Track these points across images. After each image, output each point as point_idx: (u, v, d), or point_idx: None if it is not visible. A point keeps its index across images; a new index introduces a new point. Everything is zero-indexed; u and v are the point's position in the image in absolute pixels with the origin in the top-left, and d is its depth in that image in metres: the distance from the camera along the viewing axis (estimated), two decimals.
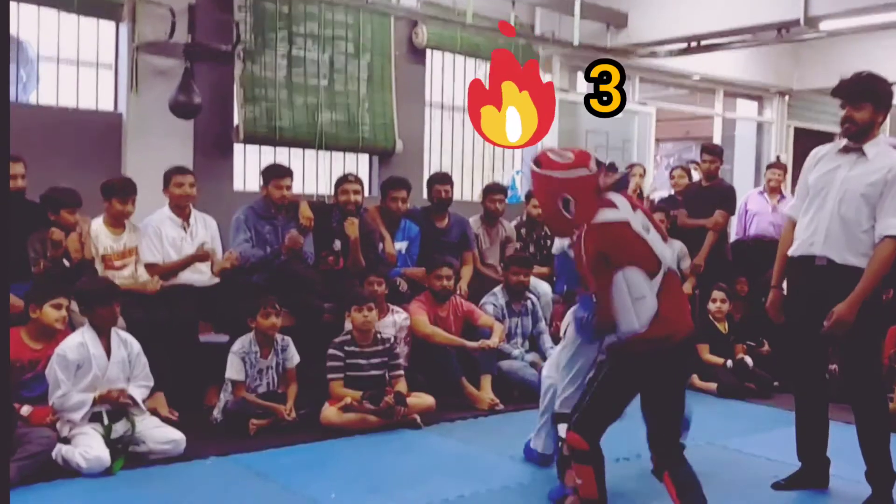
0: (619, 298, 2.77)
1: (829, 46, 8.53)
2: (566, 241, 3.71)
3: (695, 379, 5.77)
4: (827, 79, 9.18)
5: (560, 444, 3.55)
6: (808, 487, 3.70)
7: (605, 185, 2.85)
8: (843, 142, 3.50)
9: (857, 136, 3.43)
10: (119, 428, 3.90)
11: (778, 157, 9.45)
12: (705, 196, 6.60)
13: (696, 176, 7.31)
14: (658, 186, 8.46)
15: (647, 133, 8.66)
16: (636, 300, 2.76)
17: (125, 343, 4.05)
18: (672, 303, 2.83)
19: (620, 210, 2.83)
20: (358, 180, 5.54)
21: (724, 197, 6.59)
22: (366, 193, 5.80)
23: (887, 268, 3.36)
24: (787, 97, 9.96)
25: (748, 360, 5.77)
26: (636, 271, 2.77)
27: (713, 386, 5.62)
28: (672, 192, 7.27)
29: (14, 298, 3.98)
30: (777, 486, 3.74)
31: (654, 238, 2.85)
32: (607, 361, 3.10)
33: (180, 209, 4.94)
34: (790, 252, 3.59)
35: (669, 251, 2.90)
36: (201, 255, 4.86)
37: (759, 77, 9.38)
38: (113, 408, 3.90)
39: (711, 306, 5.93)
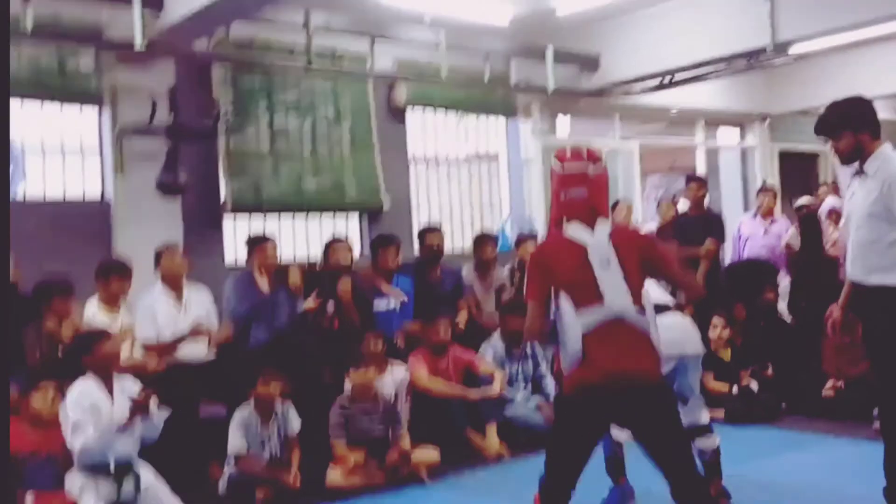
0: (558, 319, 2.72)
1: (802, 68, 8.67)
2: None
3: None
4: (804, 100, 9.48)
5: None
6: None
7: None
8: (856, 166, 3.56)
9: (851, 160, 3.49)
10: (127, 486, 3.80)
11: (764, 182, 9.54)
12: (694, 225, 6.64)
13: (683, 207, 7.36)
14: (649, 219, 8.50)
15: (632, 168, 8.76)
16: (565, 333, 2.69)
17: (126, 391, 4.01)
18: (606, 348, 2.63)
19: (592, 235, 2.75)
20: (346, 241, 5.59)
21: (713, 225, 6.63)
22: (356, 254, 5.87)
23: None
24: (767, 121, 10.08)
25: (754, 384, 5.73)
26: (565, 300, 2.68)
27: (720, 413, 5.56)
28: (660, 225, 7.30)
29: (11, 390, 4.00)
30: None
31: (608, 275, 2.68)
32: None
33: (173, 284, 4.98)
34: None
35: (627, 299, 2.67)
36: (195, 333, 4.89)
37: (738, 104, 9.52)
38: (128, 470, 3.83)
39: (712, 334, 5.89)
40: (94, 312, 4.70)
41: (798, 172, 10.18)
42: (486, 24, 6.90)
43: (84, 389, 3.88)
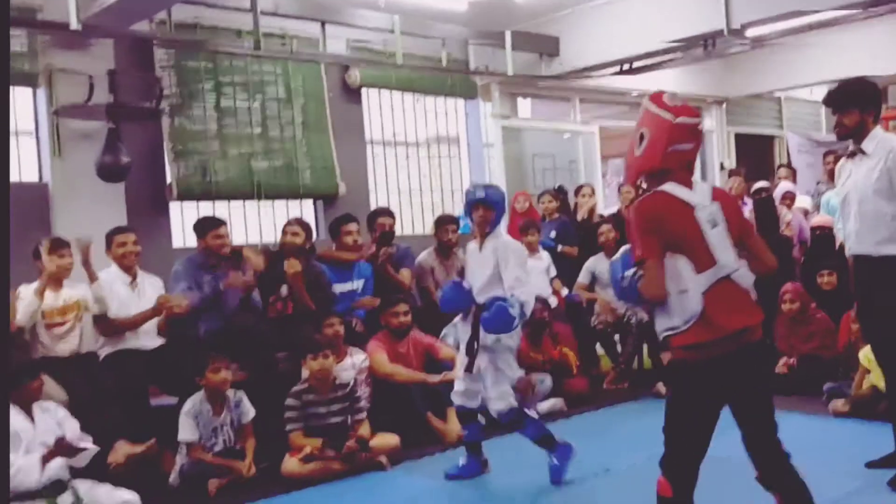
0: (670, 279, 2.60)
1: (757, 54, 8.71)
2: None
3: (660, 386, 5.77)
4: (760, 84, 9.52)
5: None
6: None
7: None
8: (850, 146, 3.67)
9: (850, 136, 3.63)
10: (65, 500, 3.65)
11: (722, 164, 9.56)
12: None
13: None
14: (609, 204, 8.47)
15: (593, 152, 8.70)
16: (679, 293, 2.57)
17: (48, 411, 3.85)
18: (724, 305, 2.58)
19: (694, 193, 2.67)
20: (298, 223, 5.43)
21: None
22: (314, 238, 5.69)
23: None
24: (724, 105, 10.13)
25: None
26: (683, 261, 2.58)
27: None
28: (621, 208, 7.26)
29: None
30: (871, 464, 3.79)
31: (716, 235, 2.63)
32: (669, 386, 2.82)
33: (127, 269, 4.80)
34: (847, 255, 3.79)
35: (730, 256, 2.66)
36: (161, 305, 4.73)
37: (696, 88, 9.53)
38: (64, 458, 3.67)
39: None
40: (31, 294, 4.43)
41: (754, 155, 10.25)
42: (443, 9, 6.77)
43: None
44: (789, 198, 7.30)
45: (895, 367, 3.64)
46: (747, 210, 6.93)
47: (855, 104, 3.56)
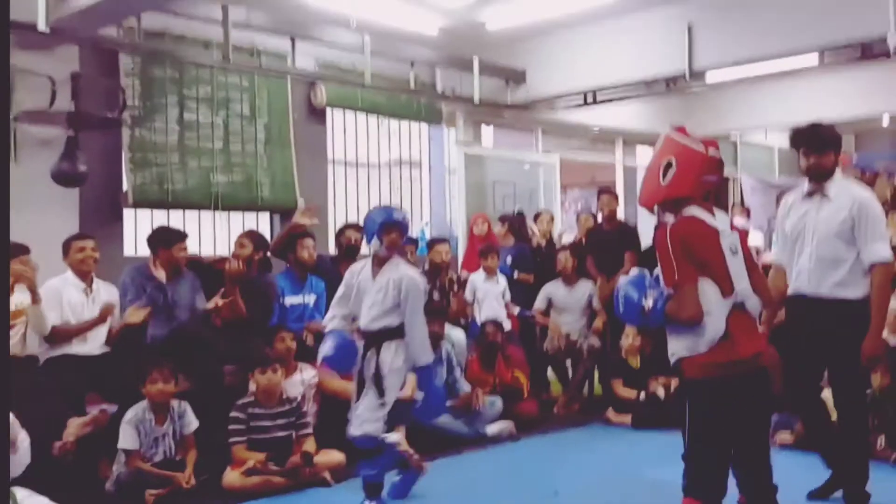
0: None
1: (716, 95, 9.01)
2: None
3: (610, 413, 5.81)
4: (717, 125, 9.80)
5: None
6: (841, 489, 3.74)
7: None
8: (806, 187, 3.72)
9: (821, 178, 3.66)
10: None
11: None
12: (609, 238, 6.72)
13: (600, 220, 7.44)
14: (566, 231, 8.60)
15: (553, 181, 8.85)
16: (705, 315, 2.67)
17: None
18: (743, 328, 2.72)
19: (716, 219, 2.79)
20: (247, 235, 5.41)
21: (628, 238, 6.72)
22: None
23: (888, 291, 3.58)
24: None
25: (661, 391, 5.78)
26: (710, 284, 2.68)
27: (627, 419, 5.62)
28: (579, 237, 7.37)
29: None
30: (812, 494, 3.84)
31: (736, 263, 2.76)
32: (682, 404, 2.86)
33: (83, 275, 4.76)
34: (789, 293, 3.79)
35: (746, 284, 2.78)
36: (104, 313, 4.67)
37: (654, 126, 9.75)
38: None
39: (624, 342, 5.95)
40: None
41: (709, 194, 10.49)
42: (414, 32, 6.87)
43: None
44: (743, 235, 7.50)
45: (848, 408, 3.69)
46: None
47: (832, 146, 3.65)
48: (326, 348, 3.99)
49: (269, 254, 5.48)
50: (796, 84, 8.63)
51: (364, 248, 5.43)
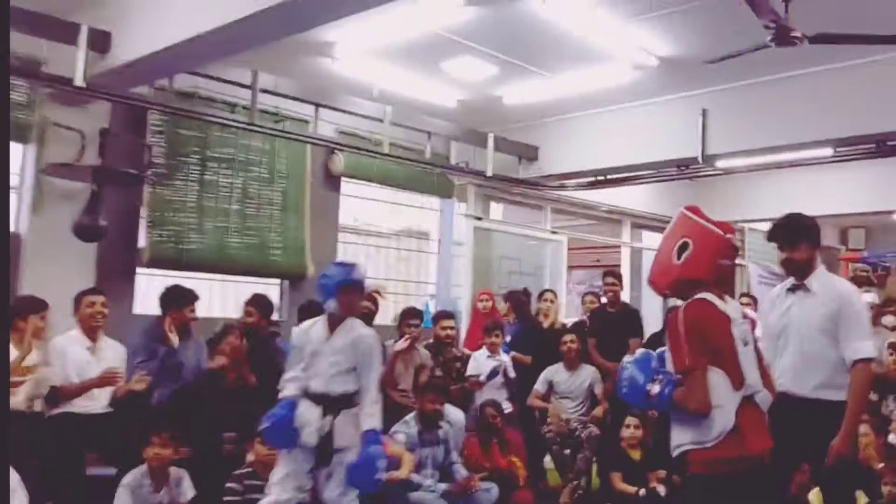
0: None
1: (725, 182, 9.11)
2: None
3: None
4: (726, 213, 9.91)
5: None
6: None
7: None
8: (790, 281, 3.63)
9: (799, 273, 3.56)
10: None
11: None
12: (612, 321, 6.73)
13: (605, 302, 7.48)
14: (569, 313, 8.62)
15: (559, 260, 8.92)
16: (714, 407, 2.57)
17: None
18: (752, 423, 2.61)
19: (728, 306, 2.70)
20: (253, 303, 5.47)
21: (632, 323, 6.72)
22: (276, 316, 5.70)
23: (867, 391, 3.47)
24: None
25: (661, 488, 5.71)
26: (721, 375, 2.58)
27: None
28: (584, 317, 7.39)
29: None
30: None
31: (747, 354, 2.66)
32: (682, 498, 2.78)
33: (91, 331, 4.78)
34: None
35: (757, 376, 2.68)
36: (107, 379, 4.65)
37: (663, 209, 9.88)
38: None
39: (625, 433, 5.84)
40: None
41: (721, 279, 10.52)
42: (433, 104, 7.03)
43: None
44: (752, 325, 7.49)
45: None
46: None
47: (804, 238, 3.52)
48: (269, 422, 3.82)
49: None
50: (808, 175, 8.69)
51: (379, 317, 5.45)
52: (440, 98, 6.97)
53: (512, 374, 6.36)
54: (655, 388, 2.66)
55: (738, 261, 10.93)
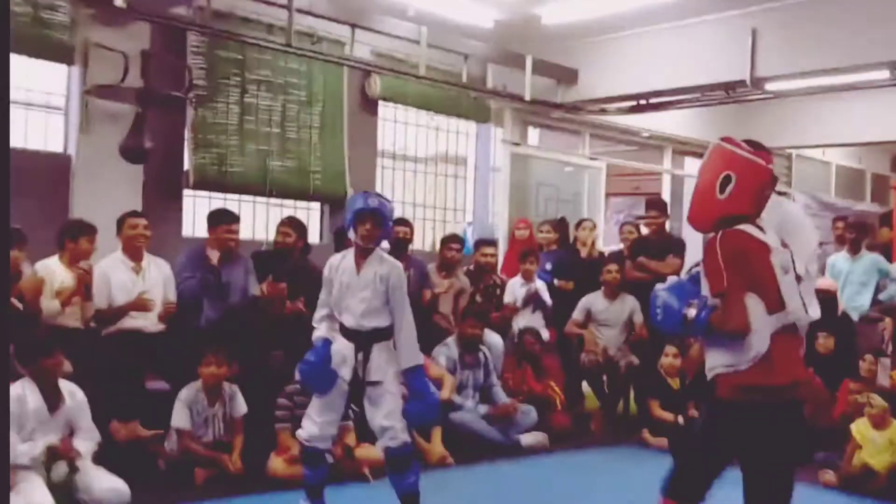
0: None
1: (773, 105, 8.84)
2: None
3: (646, 434, 5.78)
4: (772, 137, 9.64)
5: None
6: None
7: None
8: None
9: None
10: (60, 470, 3.72)
11: None
12: (654, 246, 6.65)
13: (644, 232, 7.42)
14: (607, 241, 8.58)
15: (598, 188, 8.82)
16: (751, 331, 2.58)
17: (70, 395, 3.91)
18: (785, 353, 2.61)
19: (767, 237, 2.69)
20: (290, 223, 5.47)
21: (674, 245, 6.63)
22: (316, 240, 5.75)
23: None
24: None
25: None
26: (756, 300, 2.58)
27: (664, 441, 5.58)
28: (622, 247, 7.35)
29: None
30: None
31: (787, 281, 2.64)
32: (702, 414, 2.83)
33: (134, 253, 4.86)
34: None
35: (799, 304, 2.66)
36: (141, 303, 4.75)
37: (706, 135, 9.63)
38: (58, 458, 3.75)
39: (664, 361, 5.87)
40: (52, 268, 4.54)
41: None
42: (470, 24, 6.87)
43: (19, 396, 3.74)
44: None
45: None
46: None
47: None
48: (305, 369, 3.76)
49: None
50: (861, 99, 8.42)
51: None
52: (476, 18, 6.80)
53: (548, 300, 6.41)
54: (692, 312, 2.64)
55: (785, 189, 10.80)
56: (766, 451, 2.65)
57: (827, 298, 6.46)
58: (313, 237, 6.72)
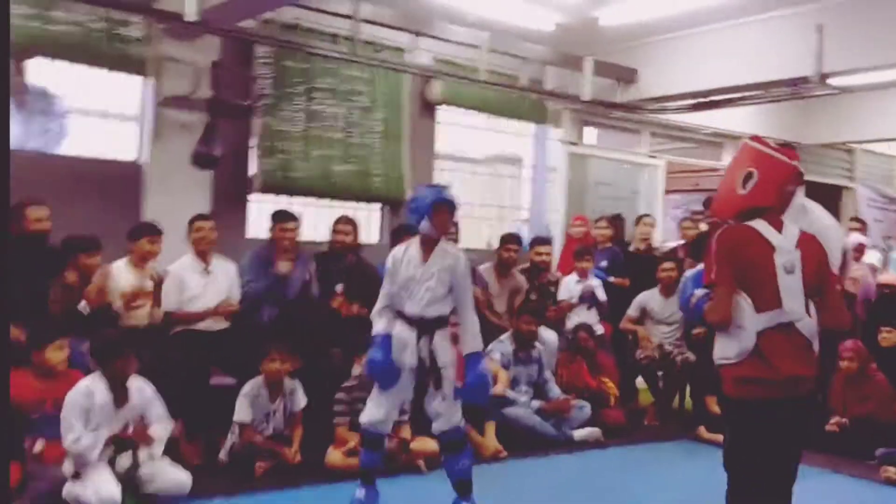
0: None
1: (835, 100, 8.63)
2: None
3: (702, 430, 5.78)
4: (835, 133, 9.45)
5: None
6: None
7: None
8: None
9: None
10: (123, 461, 3.92)
11: None
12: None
13: (704, 228, 7.37)
14: (665, 238, 8.53)
15: (656, 185, 8.78)
16: (736, 327, 2.67)
17: (139, 391, 4.10)
18: (779, 349, 2.65)
19: (781, 237, 2.74)
20: (349, 221, 5.65)
21: None
22: (375, 240, 5.89)
23: None
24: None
25: None
26: (744, 298, 2.66)
27: (720, 437, 5.54)
28: (682, 243, 7.33)
29: (17, 332, 4.16)
30: None
31: (790, 281, 2.69)
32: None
33: (202, 254, 5.11)
34: None
35: (799, 305, 2.69)
36: (221, 311, 5.04)
37: (767, 131, 9.42)
38: (127, 445, 3.93)
39: None
40: (119, 271, 4.83)
41: (821, 204, 10.10)
42: (530, 28, 6.95)
43: (88, 389, 3.92)
44: (860, 250, 7.10)
45: None
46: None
47: None
48: (370, 366, 3.95)
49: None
50: None
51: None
52: (537, 22, 6.88)
53: (603, 297, 6.45)
54: (694, 299, 2.81)
55: (847, 183, 10.52)
56: (770, 446, 2.71)
57: (893, 293, 6.34)
58: (372, 237, 6.95)
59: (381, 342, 3.91)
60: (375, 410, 3.97)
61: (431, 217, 3.78)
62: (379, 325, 3.97)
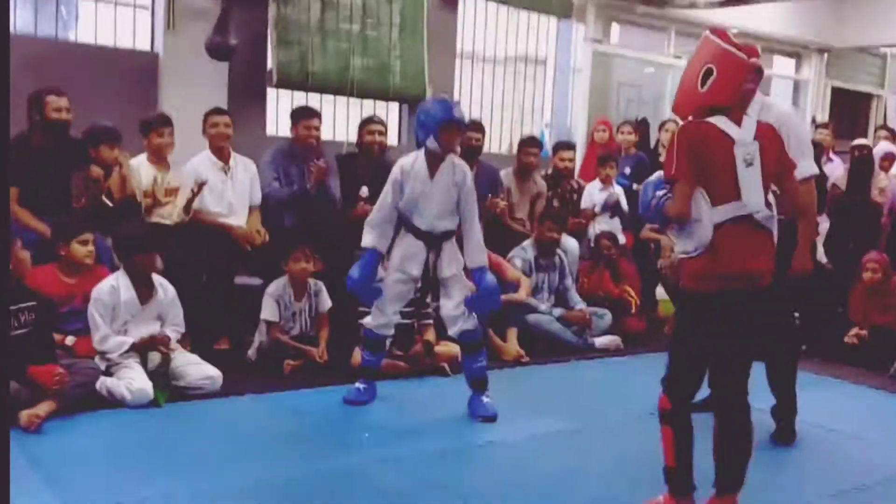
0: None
1: (871, 3, 8.30)
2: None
3: None
4: (868, 37, 9.11)
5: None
6: None
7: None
8: None
9: None
10: (154, 358, 3.96)
11: (813, 118, 9.29)
12: None
13: None
14: None
15: None
16: (693, 221, 2.68)
17: (162, 288, 4.10)
18: (738, 245, 2.66)
19: (742, 130, 2.71)
20: (381, 122, 5.48)
21: None
22: (394, 141, 5.76)
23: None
24: (825, 55, 9.74)
25: None
26: (701, 192, 2.67)
27: None
28: None
29: (43, 227, 4.14)
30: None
31: (749, 174, 2.68)
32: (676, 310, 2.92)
33: (219, 151, 4.96)
34: None
35: (759, 199, 2.70)
36: (244, 236, 4.93)
37: (799, 33, 9.17)
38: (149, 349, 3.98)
39: None
40: (140, 167, 4.72)
41: (848, 112, 9.91)
42: None
43: (113, 287, 3.93)
44: (889, 160, 6.86)
45: None
46: (842, 167, 6.77)
47: None
48: (351, 281, 3.92)
49: None
50: None
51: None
52: None
53: (625, 206, 6.34)
54: (654, 201, 2.80)
55: (878, 90, 10.24)
56: (726, 339, 2.73)
57: None
58: (392, 139, 6.75)
59: (367, 258, 3.95)
60: (380, 315, 4.05)
61: (438, 136, 3.73)
62: (368, 238, 3.96)
